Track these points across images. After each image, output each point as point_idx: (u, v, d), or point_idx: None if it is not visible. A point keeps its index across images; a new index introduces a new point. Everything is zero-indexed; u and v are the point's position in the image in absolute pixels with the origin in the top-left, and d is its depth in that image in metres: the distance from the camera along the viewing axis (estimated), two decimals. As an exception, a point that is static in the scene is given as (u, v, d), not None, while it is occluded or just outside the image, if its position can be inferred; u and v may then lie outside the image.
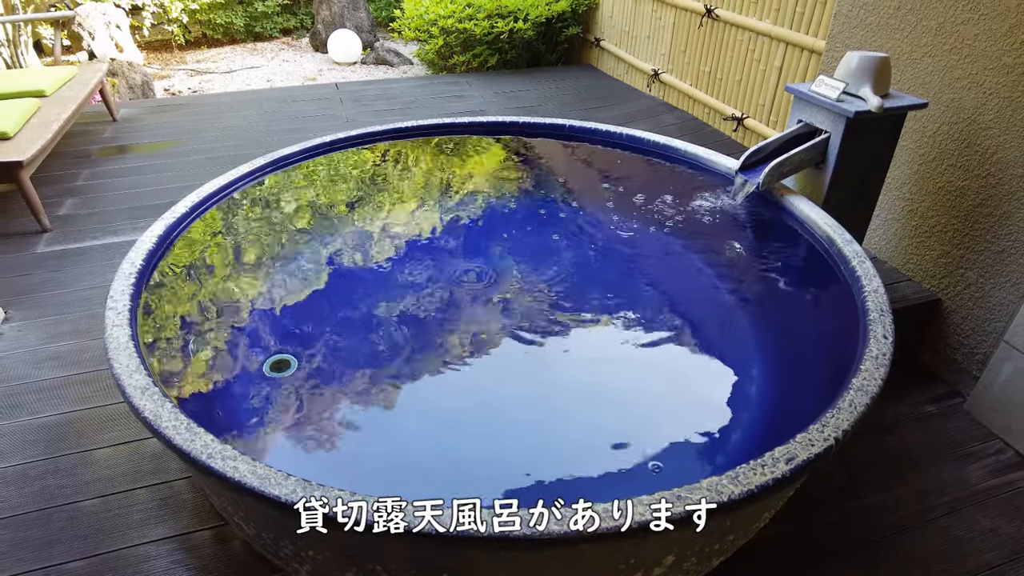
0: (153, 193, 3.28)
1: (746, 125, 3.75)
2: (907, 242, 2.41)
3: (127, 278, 1.59)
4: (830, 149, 2.01)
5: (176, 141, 3.96)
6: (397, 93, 4.85)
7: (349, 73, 6.40)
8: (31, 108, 3.19)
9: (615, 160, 2.74)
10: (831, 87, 1.98)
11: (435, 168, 2.87)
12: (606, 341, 1.97)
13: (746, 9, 3.62)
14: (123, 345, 1.34)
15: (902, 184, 2.39)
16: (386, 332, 1.95)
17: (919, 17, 2.22)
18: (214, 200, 2.11)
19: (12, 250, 2.79)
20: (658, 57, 4.57)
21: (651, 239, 2.41)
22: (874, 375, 1.30)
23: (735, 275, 2.24)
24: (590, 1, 5.26)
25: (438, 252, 2.37)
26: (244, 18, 7.54)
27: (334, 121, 4.25)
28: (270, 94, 4.99)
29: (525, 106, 4.52)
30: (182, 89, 6.09)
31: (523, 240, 2.47)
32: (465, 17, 5.08)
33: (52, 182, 3.39)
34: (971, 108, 2.09)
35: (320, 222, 2.49)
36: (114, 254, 2.75)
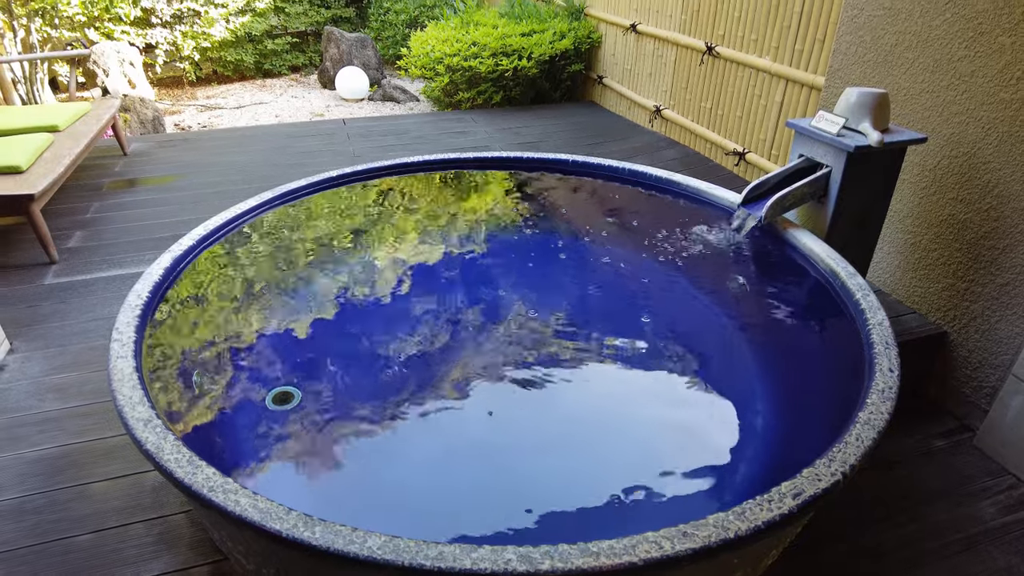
0: (161, 226, 3.31)
1: (748, 160, 3.79)
2: (911, 274, 2.41)
3: (133, 310, 1.59)
4: (831, 183, 2.03)
5: (184, 175, 4.01)
6: (403, 129, 4.93)
7: (356, 109, 6.51)
8: (44, 143, 3.25)
9: (618, 195, 2.76)
10: (831, 122, 2.01)
11: (439, 203, 2.90)
12: (609, 374, 1.96)
13: (746, 47, 3.69)
14: (127, 377, 1.34)
15: (904, 217, 2.40)
16: (390, 365, 1.94)
17: (916, 55, 2.26)
18: (221, 233, 2.13)
19: (20, 281, 2.81)
20: (660, 93, 4.64)
21: (655, 273, 2.42)
22: (880, 409, 1.29)
23: (739, 308, 2.23)
24: (593, 40, 5.38)
25: (441, 285, 2.37)
26: (254, 55, 7.71)
27: (341, 156, 4.31)
28: (278, 129, 5.08)
29: (529, 141, 4.58)
30: (191, 124, 6.20)
31: (526, 274, 2.48)
32: (470, 56, 5.19)
33: (63, 214, 3.43)
34: (970, 142, 2.12)
35: (325, 256, 2.51)
36: (120, 286, 2.77)
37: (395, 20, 7.50)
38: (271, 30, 7.72)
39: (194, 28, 7.23)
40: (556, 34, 5.25)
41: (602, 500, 1.50)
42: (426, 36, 5.65)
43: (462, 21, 5.77)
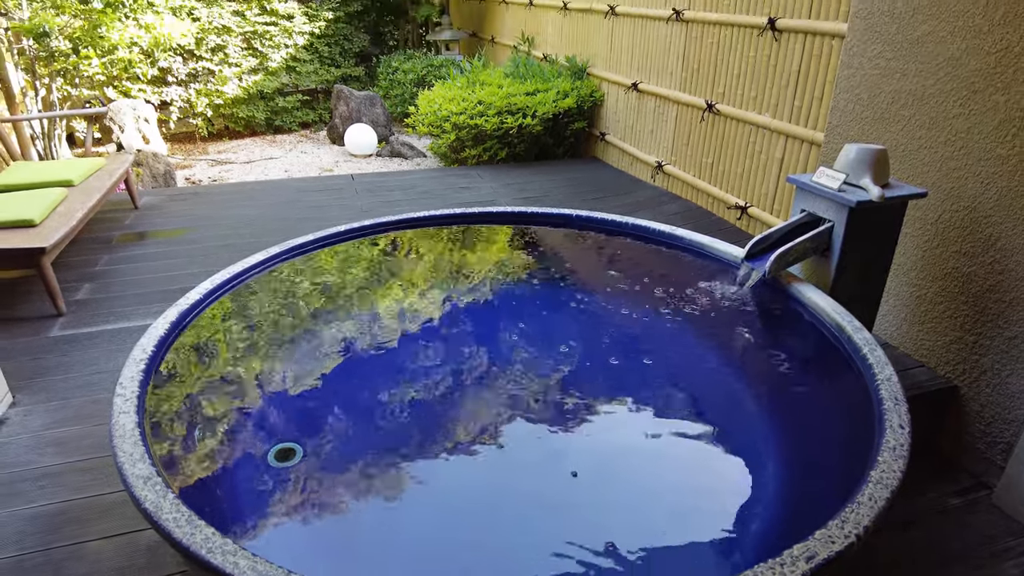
0: (169, 279, 3.34)
1: (750, 214, 3.83)
2: (917, 328, 2.39)
3: (137, 364, 1.59)
4: (834, 237, 2.05)
5: (194, 228, 4.07)
6: (410, 184, 5.02)
7: (365, 165, 6.65)
8: (58, 197, 3.32)
9: (622, 249, 2.78)
10: (832, 178, 2.04)
11: (444, 258, 2.92)
12: (613, 432, 1.94)
13: (746, 104, 3.78)
14: (128, 432, 1.33)
15: (908, 270, 2.41)
16: (393, 420, 1.92)
17: (912, 112, 2.31)
18: (227, 287, 2.15)
19: (27, 333, 2.82)
20: (661, 149, 4.73)
21: (659, 328, 2.41)
22: (893, 467, 1.26)
23: (744, 363, 2.22)
24: (595, 98, 5.52)
25: (444, 341, 2.37)
26: (265, 112, 7.93)
27: (349, 211, 4.38)
28: (287, 184, 5.17)
29: (533, 196, 4.65)
30: (202, 178, 6.32)
31: (529, 328, 2.48)
32: (476, 114, 5.32)
33: (73, 267, 3.47)
34: (970, 197, 2.14)
35: (331, 311, 2.52)
36: (125, 339, 2.77)
37: (403, 79, 7.73)
38: (282, 88, 7.96)
39: (208, 86, 7.47)
40: (559, 93, 5.40)
41: (607, 562, 1.46)
42: (433, 95, 5.82)
43: (468, 81, 5.94)
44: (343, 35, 8.27)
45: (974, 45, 2.07)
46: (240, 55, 7.58)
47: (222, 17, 7.36)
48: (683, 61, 4.31)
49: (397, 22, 8.81)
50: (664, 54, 4.52)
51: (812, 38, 3.21)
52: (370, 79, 8.64)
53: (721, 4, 3.85)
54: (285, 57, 7.87)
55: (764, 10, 3.51)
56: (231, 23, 7.42)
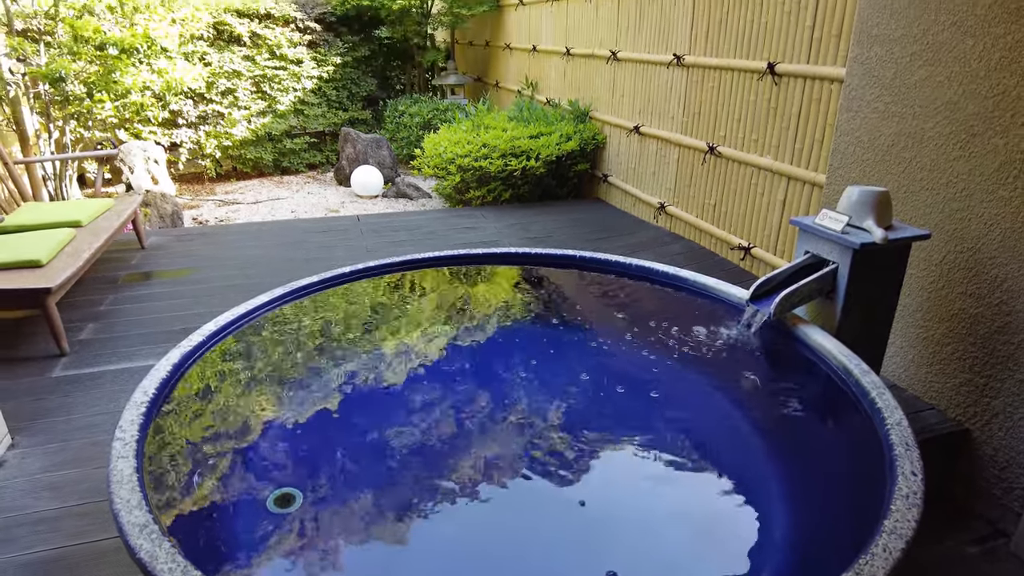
0: (173, 319, 3.35)
1: (754, 254, 3.84)
2: (925, 369, 2.37)
3: (138, 407, 1.58)
4: (839, 279, 2.04)
5: (199, 268, 4.10)
6: (415, 225, 5.06)
7: (370, 205, 6.72)
8: (66, 237, 3.35)
9: (626, 290, 2.78)
10: (835, 220, 2.05)
11: (447, 299, 2.92)
12: (618, 476, 1.90)
13: (747, 147, 3.82)
14: (126, 478, 1.31)
15: (914, 311, 2.39)
16: (396, 465, 1.89)
17: (912, 155, 2.33)
18: (231, 329, 2.15)
19: (29, 374, 2.81)
20: (664, 191, 4.78)
21: (663, 370, 2.39)
22: (906, 516, 1.23)
23: (750, 407, 2.19)
24: (598, 141, 5.60)
25: (449, 382, 2.35)
26: (273, 153, 8.06)
27: (354, 251, 4.41)
28: (293, 224, 5.22)
29: (537, 237, 4.68)
30: (209, 219, 6.39)
31: (533, 370, 2.46)
32: (481, 156, 5.40)
33: (78, 307, 3.48)
34: (974, 238, 2.14)
35: (334, 353, 2.51)
36: (128, 379, 2.76)
37: (409, 122, 7.87)
38: (290, 130, 8.11)
39: (217, 128, 7.61)
40: (563, 136, 5.48)
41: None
42: (439, 138, 5.91)
43: (473, 124, 6.05)
44: (351, 79, 8.46)
45: (971, 89, 2.10)
46: (249, 98, 7.75)
47: (233, 62, 7.55)
48: (684, 105, 4.39)
49: (404, 67, 9.01)
50: (665, 98, 4.60)
51: (811, 82, 3.27)
52: (377, 122, 8.80)
53: (721, 49, 3.93)
54: (294, 100, 8.04)
55: (763, 55, 3.58)
56: (241, 67, 7.60)
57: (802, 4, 3.26)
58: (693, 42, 4.20)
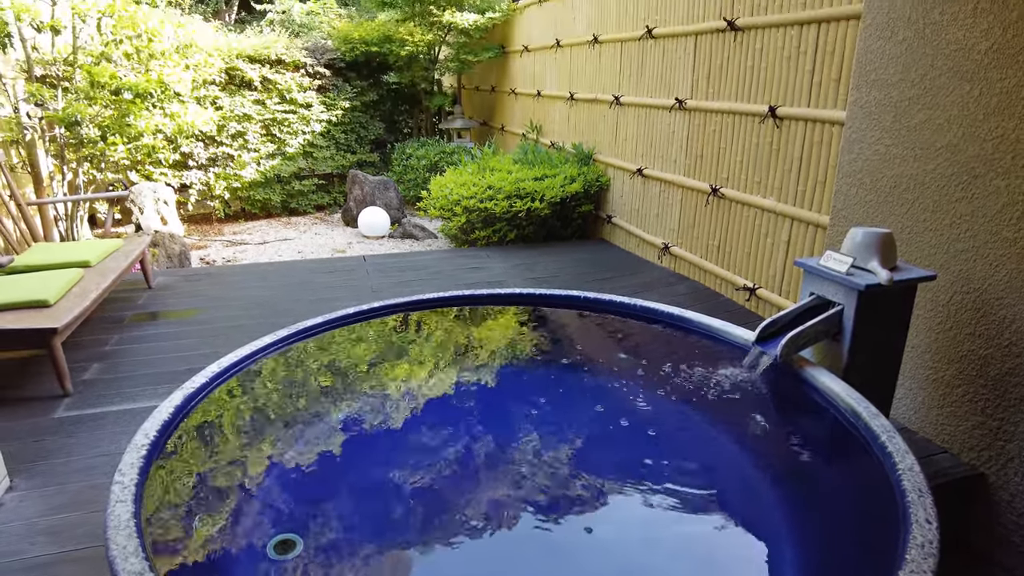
0: (178, 359, 3.34)
1: (759, 295, 3.83)
2: (936, 412, 2.33)
3: (138, 450, 1.56)
4: (845, 321, 2.03)
5: (205, 309, 4.11)
6: (421, 265, 5.08)
7: (377, 246, 6.77)
8: (75, 278, 3.37)
9: (631, 332, 2.77)
10: (839, 261, 2.05)
11: (453, 339, 2.92)
12: (624, 520, 1.86)
13: (750, 188, 3.85)
14: (123, 523, 1.29)
15: (922, 352, 2.37)
16: (399, 509, 1.86)
17: (915, 196, 2.34)
18: (234, 371, 2.14)
19: (31, 414, 2.80)
20: (667, 232, 4.80)
21: (669, 413, 2.36)
22: (923, 567, 1.19)
23: (757, 450, 2.15)
24: (601, 183, 5.66)
25: (452, 424, 2.33)
26: (281, 195, 8.17)
27: (359, 291, 4.42)
28: (300, 265, 5.26)
29: (541, 277, 4.69)
30: (217, 259, 6.44)
31: (538, 412, 2.44)
32: (486, 198, 5.46)
33: (83, 347, 3.48)
34: (980, 279, 2.13)
35: (338, 395, 2.49)
36: (130, 420, 2.74)
37: (416, 165, 7.99)
38: (299, 172, 8.24)
39: (227, 170, 7.74)
40: (567, 178, 5.55)
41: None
42: (445, 180, 5.99)
43: (479, 167, 6.13)
44: (359, 123, 8.62)
45: (970, 132, 2.12)
46: (259, 141, 7.90)
47: (243, 105, 7.72)
48: (687, 147, 4.44)
49: (411, 111, 9.19)
50: (668, 141, 4.67)
51: (813, 125, 3.31)
52: (384, 164, 8.93)
53: (722, 93, 4.00)
54: (303, 143, 8.19)
55: (764, 98, 3.64)
56: (252, 111, 7.77)
57: (801, 49, 3.33)
58: (694, 86, 4.28)
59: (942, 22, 2.18)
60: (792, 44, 3.38)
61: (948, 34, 2.16)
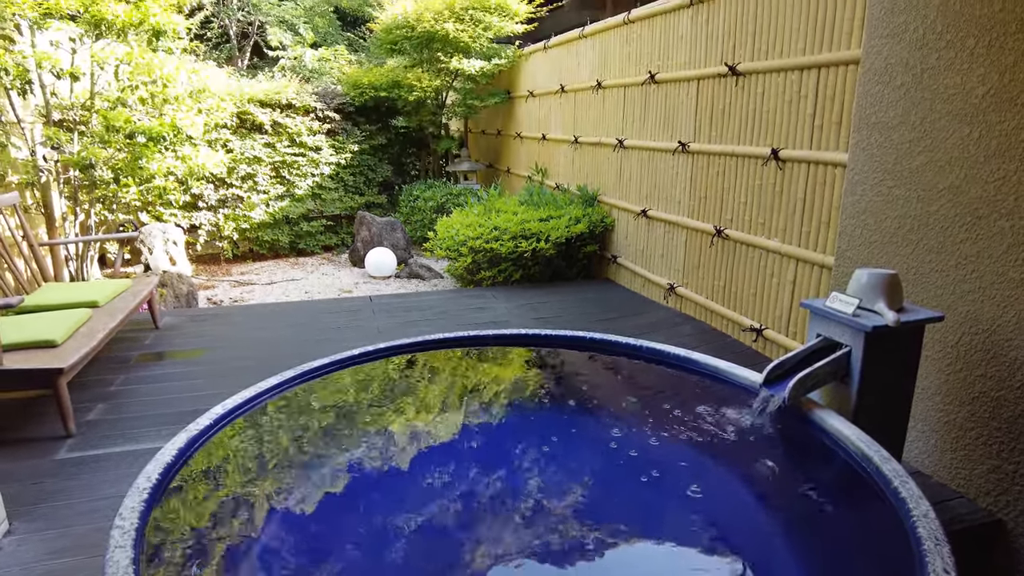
0: (183, 400, 3.33)
1: (765, 336, 3.81)
2: (950, 455, 2.29)
3: (140, 494, 1.55)
4: (853, 362, 2.01)
5: (212, 349, 4.11)
6: (427, 305, 5.10)
7: (383, 286, 6.80)
8: (83, 318, 3.39)
9: (637, 373, 2.75)
10: (845, 303, 2.04)
11: (457, 380, 2.90)
12: (630, 565, 1.81)
13: (754, 229, 3.87)
14: (123, 570, 1.26)
15: (933, 394, 2.34)
16: (407, 557, 1.82)
17: (919, 237, 2.34)
18: (240, 412, 2.13)
19: (33, 456, 2.78)
20: (673, 272, 4.81)
21: (675, 456, 2.33)
22: (941, 617, 1.16)
23: (765, 496, 2.11)
24: (606, 223, 5.70)
25: (459, 468, 2.30)
26: (289, 236, 8.26)
27: (365, 332, 4.42)
28: (306, 306, 5.28)
29: (546, 317, 4.68)
30: (224, 299, 6.48)
31: (543, 455, 2.41)
32: (492, 238, 5.50)
33: (88, 387, 3.48)
34: (988, 320, 2.12)
35: (344, 437, 2.47)
36: (133, 462, 2.72)
37: (423, 206, 8.08)
38: (307, 213, 8.34)
39: (236, 211, 7.84)
40: (571, 219, 5.59)
41: None
42: (452, 221, 6.06)
43: (485, 208, 6.20)
44: (368, 165, 8.76)
45: (972, 174, 2.14)
46: (269, 183, 8.02)
47: (254, 148, 7.87)
48: (690, 189, 4.49)
49: (419, 154, 9.35)
50: (671, 183, 4.72)
51: (815, 167, 3.34)
52: (392, 206, 9.04)
53: (725, 136, 4.06)
54: (311, 185, 8.31)
55: (766, 141, 3.69)
56: (262, 154, 7.91)
57: (802, 93, 3.39)
58: (697, 129, 4.35)
59: (939, 67, 2.22)
60: (793, 88, 3.45)
61: (945, 79, 2.20)
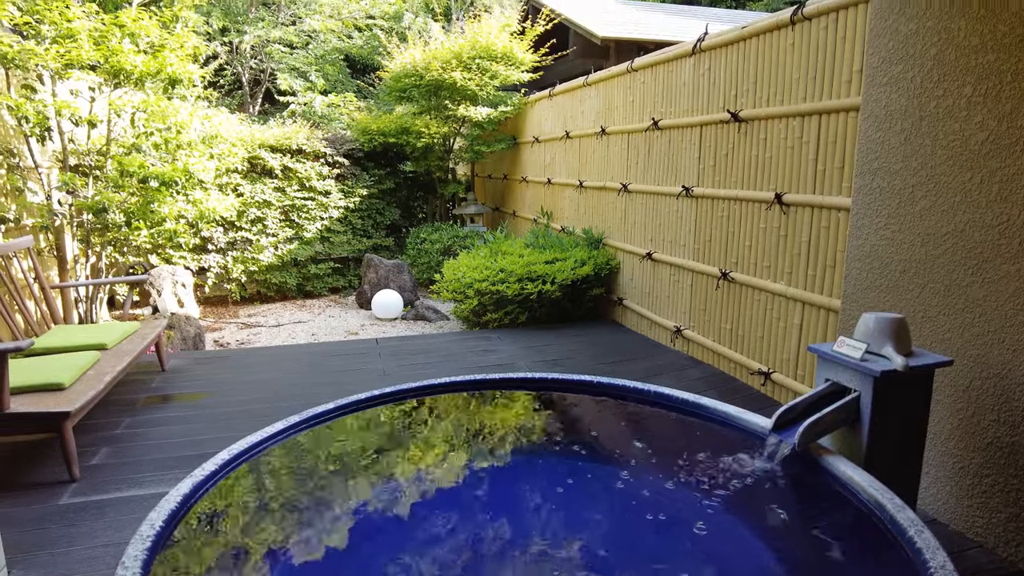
0: (189, 444, 3.31)
1: (774, 380, 3.78)
2: (966, 503, 2.24)
3: (143, 542, 1.53)
4: (862, 408, 1.99)
5: (218, 392, 4.11)
6: (432, 348, 5.09)
7: (389, 328, 6.81)
8: (91, 360, 3.41)
9: (644, 418, 2.73)
10: (853, 347, 2.03)
11: (462, 425, 2.88)
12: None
13: (760, 272, 3.88)
14: (123, 619, 1.24)
15: (946, 439, 2.31)
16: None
17: (925, 280, 2.35)
18: (245, 458, 2.12)
19: (35, 501, 2.76)
20: (679, 315, 4.81)
21: (685, 503, 2.29)
22: (963, 675, 1.12)
23: (776, 546, 2.06)
24: (611, 266, 5.73)
25: (466, 514, 2.26)
26: (297, 278, 8.32)
27: (371, 375, 4.41)
28: (312, 348, 5.28)
29: (552, 360, 4.67)
30: (230, 341, 6.49)
31: (549, 502, 2.37)
32: (498, 280, 5.53)
33: (93, 430, 3.47)
34: (999, 363, 2.10)
35: (350, 484, 2.45)
36: (136, 507, 2.69)
37: (430, 248, 8.15)
38: (315, 256, 8.41)
39: (245, 254, 7.92)
40: (577, 262, 5.63)
41: None
42: (458, 263, 6.10)
43: (491, 251, 6.25)
44: (376, 209, 8.88)
45: (975, 218, 2.16)
46: (278, 226, 8.12)
47: (264, 192, 8.00)
48: (695, 233, 4.52)
49: (426, 197, 9.48)
50: (676, 226, 4.75)
51: (819, 211, 3.37)
52: (399, 248, 9.12)
53: (728, 181, 4.11)
54: (320, 228, 8.41)
55: (770, 186, 3.73)
56: (272, 198, 8.04)
57: (804, 139, 3.44)
58: (701, 174, 4.40)
59: (937, 114, 2.26)
60: (795, 134, 3.50)
61: (945, 125, 2.24)
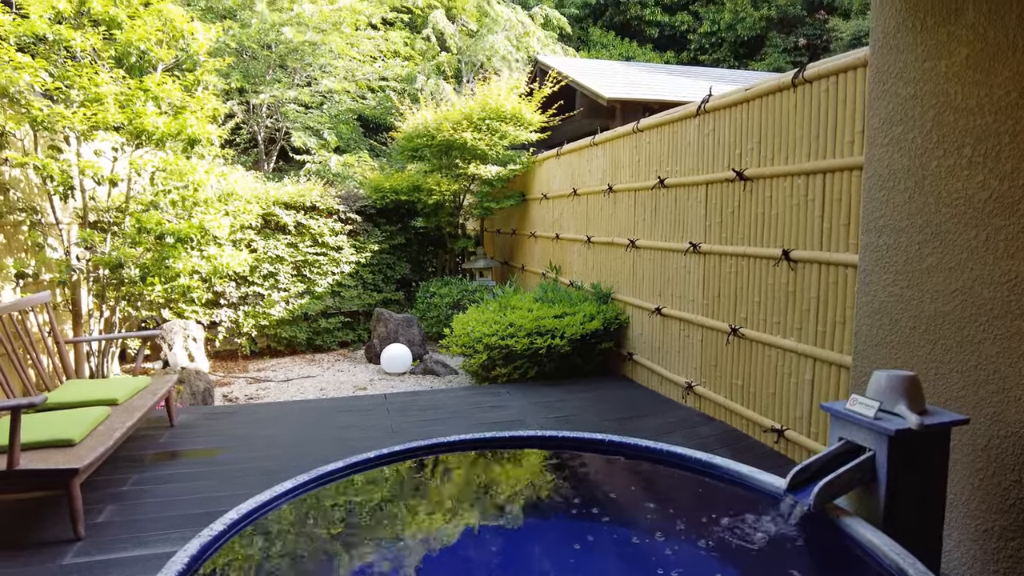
0: (196, 501, 3.28)
1: (787, 437, 3.72)
2: (993, 567, 2.17)
3: (149, 602, 1.51)
4: (878, 467, 1.96)
5: (226, 448, 4.08)
6: (441, 403, 5.07)
7: (398, 382, 6.79)
8: (101, 416, 3.41)
9: (656, 478, 2.68)
10: (866, 406, 2.02)
11: (471, 484, 2.85)
12: None
13: (769, 328, 3.88)
14: None
15: (967, 501, 2.25)
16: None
17: (936, 336, 2.34)
18: (253, 518, 2.09)
19: (37, 561, 2.72)
20: (690, 370, 4.78)
21: (699, 566, 2.23)
22: None
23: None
24: (620, 320, 5.74)
25: (471, 573, 2.21)
26: (307, 332, 8.35)
27: (380, 432, 4.38)
28: (320, 404, 5.27)
29: (562, 415, 4.62)
30: (240, 396, 6.48)
31: (559, 564, 2.32)
32: (507, 335, 5.54)
33: (100, 486, 3.44)
34: (1016, 422, 2.07)
35: (356, 544, 2.41)
36: (141, 568, 2.65)
37: (439, 303, 8.20)
38: (326, 310, 8.47)
39: (256, 308, 7.99)
40: (586, 316, 5.64)
41: None
42: (467, 318, 6.12)
43: (500, 305, 6.29)
44: (387, 264, 8.98)
45: (983, 275, 2.17)
46: (290, 281, 8.22)
47: (277, 248, 8.13)
48: (703, 288, 4.54)
49: (436, 252, 9.59)
50: (684, 281, 4.78)
51: (827, 267, 3.39)
52: (409, 302, 9.18)
53: (735, 238, 4.15)
54: (331, 283, 8.50)
55: (777, 242, 3.76)
56: (284, 253, 8.16)
57: (809, 197, 3.49)
58: (708, 231, 4.46)
59: (939, 173, 2.30)
60: (800, 192, 3.56)
61: (947, 184, 2.28)
